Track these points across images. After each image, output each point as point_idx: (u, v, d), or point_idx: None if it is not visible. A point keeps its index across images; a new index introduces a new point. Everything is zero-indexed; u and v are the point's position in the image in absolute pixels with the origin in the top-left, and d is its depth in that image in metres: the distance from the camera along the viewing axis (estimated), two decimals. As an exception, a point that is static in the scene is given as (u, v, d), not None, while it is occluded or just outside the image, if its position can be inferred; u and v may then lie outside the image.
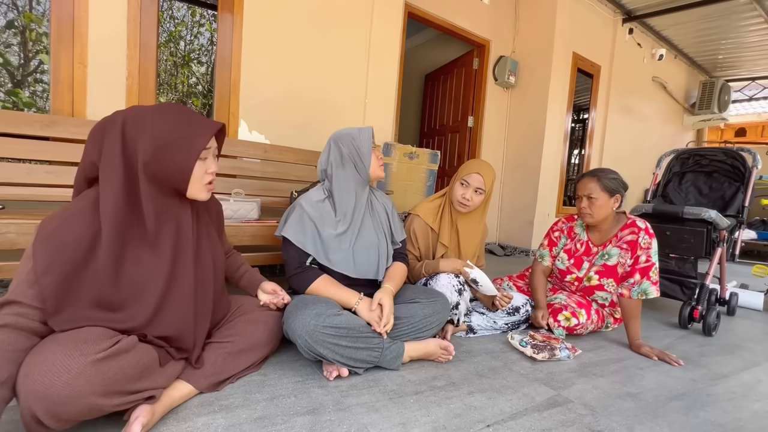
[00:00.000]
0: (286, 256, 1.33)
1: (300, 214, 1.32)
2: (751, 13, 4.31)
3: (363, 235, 1.38)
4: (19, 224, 1.17)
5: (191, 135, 0.88)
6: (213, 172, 0.96)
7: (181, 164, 0.88)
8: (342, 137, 1.38)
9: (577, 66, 4.29)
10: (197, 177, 0.92)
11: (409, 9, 3.33)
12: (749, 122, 7.78)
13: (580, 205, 1.68)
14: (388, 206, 1.52)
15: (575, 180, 1.75)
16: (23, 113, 1.63)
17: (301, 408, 1.00)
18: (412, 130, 5.10)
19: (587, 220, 1.69)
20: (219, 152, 1.00)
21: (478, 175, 1.59)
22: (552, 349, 1.44)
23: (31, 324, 0.78)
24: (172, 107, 0.90)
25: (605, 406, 1.14)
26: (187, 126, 0.88)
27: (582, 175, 1.72)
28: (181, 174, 0.89)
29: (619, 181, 1.64)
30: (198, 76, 4.84)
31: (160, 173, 0.87)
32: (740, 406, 1.22)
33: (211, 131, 0.91)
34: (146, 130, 0.84)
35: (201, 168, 0.92)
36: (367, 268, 1.37)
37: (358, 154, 1.35)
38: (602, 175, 1.64)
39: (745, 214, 2.17)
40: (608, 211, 1.65)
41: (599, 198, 1.62)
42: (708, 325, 1.88)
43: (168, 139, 0.86)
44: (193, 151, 0.88)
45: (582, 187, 1.67)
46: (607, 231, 1.72)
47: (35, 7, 3.36)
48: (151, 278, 0.90)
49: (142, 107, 0.89)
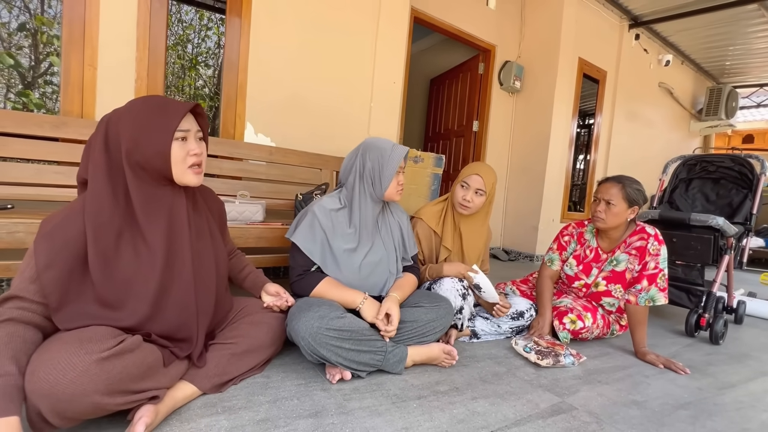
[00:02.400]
0: (292, 261, 1.33)
1: (312, 221, 1.31)
2: (759, 19, 4.29)
3: (373, 251, 1.37)
4: (28, 224, 1.19)
5: (165, 117, 0.89)
6: (196, 154, 0.94)
7: (158, 146, 0.88)
8: (372, 148, 1.34)
9: (582, 71, 4.28)
10: (178, 158, 0.91)
11: (415, 14, 3.35)
12: (757, 129, 7.71)
13: (596, 207, 1.65)
14: (403, 223, 1.50)
15: (599, 181, 1.71)
16: (33, 114, 1.65)
17: (304, 411, 1.00)
18: (417, 134, 5.11)
19: (598, 224, 1.67)
20: (204, 135, 0.99)
21: (478, 177, 1.58)
22: (556, 355, 1.43)
23: (35, 318, 0.79)
24: (149, 97, 0.92)
25: (610, 414, 1.13)
26: (160, 109, 0.89)
27: (606, 178, 1.67)
28: (160, 156, 0.89)
29: (642, 193, 1.61)
30: (205, 78, 4.89)
31: (142, 159, 0.88)
32: (748, 417, 1.20)
33: (184, 110, 0.91)
34: (125, 120, 0.87)
35: (182, 149, 0.92)
36: (373, 284, 1.36)
37: (379, 173, 1.32)
38: (627, 183, 1.60)
39: (753, 222, 2.15)
40: (622, 220, 1.63)
41: (618, 205, 1.59)
42: (715, 334, 1.85)
43: (143, 124, 0.87)
44: (168, 131, 0.89)
45: (604, 190, 1.64)
46: (616, 238, 1.70)
47: (47, 10, 3.41)
48: (147, 267, 0.90)
49: (123, 105, 0.91)
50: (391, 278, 1.40)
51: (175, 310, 0.94)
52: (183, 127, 0.91)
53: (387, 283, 1.39)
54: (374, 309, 1.25)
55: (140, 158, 0.88)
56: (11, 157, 1.57)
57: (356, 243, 1.34)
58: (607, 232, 1.70)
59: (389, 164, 1.31)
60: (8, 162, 1.58)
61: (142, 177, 0.89)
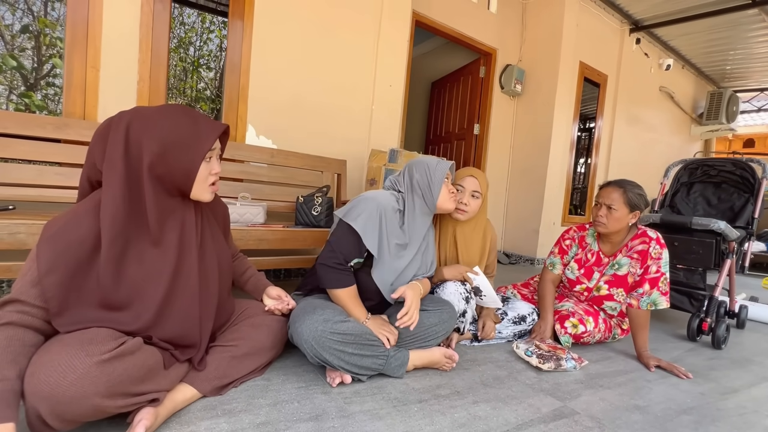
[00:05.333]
0: (336, 246, 1.23)
1: (377, 211, 1.25)
2: (760, 24, 4.30)
3: (413, 263, 1.36)
4: (29, 225, 1.19)
5: (196, 136, 0.88)
6: (217, 173, 0.96)
7: (186, 165, 0.88)
8: (417, 163, 1.38)
9: (583, 75, 4.29)
10: (202, 178, 0.92)
11: (417, 17, 3.36)
12: (758, 133, 7.72)
13: (597, 212, 1.65)
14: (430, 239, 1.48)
15: (600, 186, 1.70)
16: (36, 115, 1.65)
17: (304, 414, 0.99)
18: (418, 137, 5.12)
19: (600, 229, 1.66)
20: (222, 153, 1.00)
21: (473, 178, 1.54)
22: (558, 359, 1.42)
23: (35, 322, 0.79)
24: (178, 108, 0.91)
25: (612, 419, 1.12)
26: (192, 127, 0.89)
27: (608, 182, 1.67)
28: (186, 175, 0.89)
29: (643, 197, 1.61)
30: (206, 81, 4.90)
31: (165, 174, 0.87)
32: (751, 422, 1.19)
33: (216, 132, 0.91)
34: (151, 131, 0.85)
35: (205, 169, 0.93)
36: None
37: (428, 184, 1.34)
38: (629, 187, 1.60)
39: (754, 226, 2.14)
40: (623, 224, 1.62)
41: (619, 210, 1.59)
42: (717, 338, 1.84)
43: (173, 140, 0.86)
44: (199, 152, 0.89)
45: (605, 195, 1.63)
46: (618, 243, 1.70)
47: (50, 12, 3.43)
48: (155, 277, 0.90)
49: (147, 108, 0.89)
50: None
51: (178, 319, 0.94)
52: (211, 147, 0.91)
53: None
54: (376, 325, 1.23)
55: (163, 172, 0.87)
56: (13, 158, 1.57)
57: (405, 248, 1.34)
58: (608, 236, 1.69)
59: (437, 173, 1.34)
60: (10, 163, 1.58)
61: (159, 188, 0.89)
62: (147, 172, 0.85)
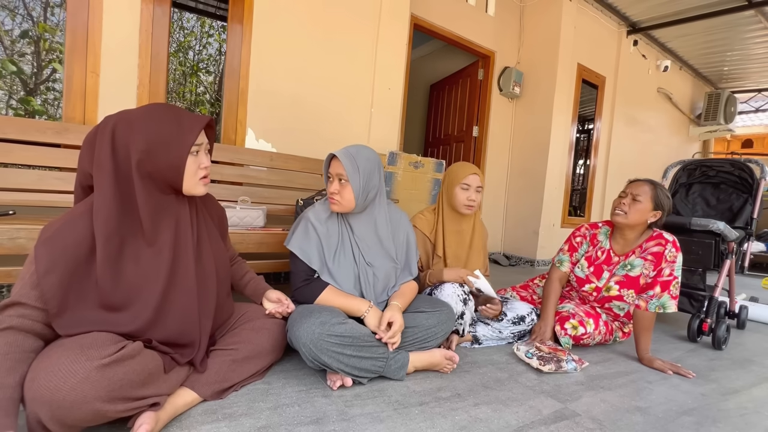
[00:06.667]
0: (293, 268, 1.31)
1: (306, 227, 1.30)
2: (756, 25, 4.33)
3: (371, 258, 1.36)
4: (30, 229, 1.19)
5: (180, 131, 0.89)
6: (206, 167, 0.97)
7: (173, 160, 0.89)
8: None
9: (582, 77, 4.31)
10: (191, 172, 0.93)
11: (415, 21, 3.38)
12: (756, 133, 7.74)
13: (620, 200, 1.65)
14: (410, 236, 1.48)
15: (630, 180, 1.71)
16: (36, 120, 1.66)
17: (305, 417, 0.99)
18: (417, 140, 5.13)
19: (618, 219, 1.64)
20: (211, 147, 1.01)
21: (476, 176, 1.64)
22: (558, 361, 1.42)
23: (35, 326, 0.79)
24: (161, 107, 0.92)
25: (613, 420, 1.12)
26: (175, 123, 0.89)
27: (640, 178, 1.68)
28: (174, 170, 0.90)
29: (670, 201, 1.62)
30: (206, 85, 4.91)
31: (154, 171, 0.88)
32: (752, 423, 1.19)
33: (200, 125, 0.92)
34: (136, 130, 0.86)
35: (194, 163, 0.93)
36: (372, 291, 1.34)
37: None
38: (659, 187, 1.62)
39: (753, 226, 2.15)
40: (642, 219, 1.62)
41: (644, 202, 1.59)
42: (718, 339, 1.84)
43: (158, 136, 0.87)
44: (184, 146, 0.89)
45: (635, 186, 1.64)
46: (631, 241, 1.69)
47: (50, 17, 3.44)
48: (152, 276, 0.90)
49: (130, 110, 0.90)
50: (390, 284, 1.38)
51: (177, 317, 0.94)
52: (197, 141, 0.92)
53: (387, 291, 1.38)
54: (378, 318, 1.24)
55: (152, 169, 0.88)
56: (13, 163, 1.58)
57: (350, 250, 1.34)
58: (623, 231, 1.68)
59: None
60: (10, 168, 1.58)
61: (150, 186, 0.89)
62: (136, 171, 0.86)
